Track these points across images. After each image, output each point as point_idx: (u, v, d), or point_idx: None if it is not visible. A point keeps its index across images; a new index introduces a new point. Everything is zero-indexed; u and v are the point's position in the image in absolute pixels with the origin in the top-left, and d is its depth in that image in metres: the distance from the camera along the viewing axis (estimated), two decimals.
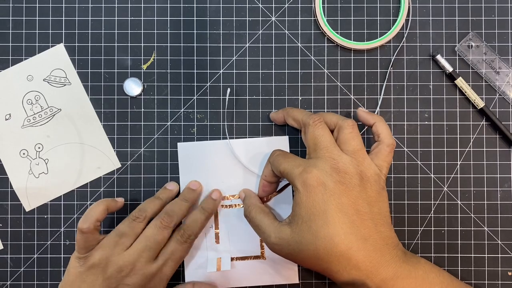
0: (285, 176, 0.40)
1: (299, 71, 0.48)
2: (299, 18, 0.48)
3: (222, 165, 0.47)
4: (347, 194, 0.37)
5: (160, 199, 0.45)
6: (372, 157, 0.40)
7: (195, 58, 0.48)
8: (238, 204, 0.47)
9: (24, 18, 0.48)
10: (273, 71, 0.48)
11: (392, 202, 0.47)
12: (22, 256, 0.47)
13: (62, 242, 0.47)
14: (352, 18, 0.48)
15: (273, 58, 0.48)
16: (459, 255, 0.47)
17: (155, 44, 0.48)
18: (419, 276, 0.37)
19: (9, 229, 0.47)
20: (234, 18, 0.48)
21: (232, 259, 0.47)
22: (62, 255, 0.47)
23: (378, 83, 0.48)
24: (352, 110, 0.48)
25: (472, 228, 0.47)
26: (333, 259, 0.37)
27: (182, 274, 0.47)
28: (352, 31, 0.48)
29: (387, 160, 0.40)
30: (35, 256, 0.47)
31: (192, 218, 0.45)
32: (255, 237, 0.47)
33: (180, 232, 0.43)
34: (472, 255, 0.47)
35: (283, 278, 0.47)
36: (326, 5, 0.48)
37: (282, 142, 0.47)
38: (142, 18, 0.48)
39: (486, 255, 0.47)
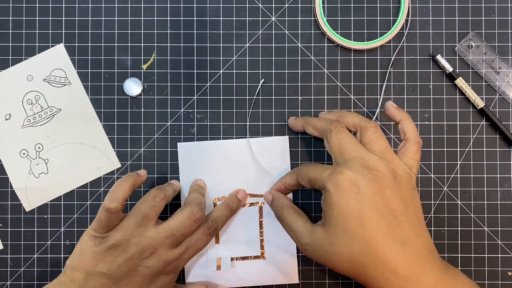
0: (314, 182, 0.39)
1: (299, 71, 0.48)
2: (299, 18, 0.48)
3: (222, 165, 0.47)
4: (381, 193, 0.36)
5: (174, 184, 0.45)
6: (400, 156, 0.39)
7: (195, 58, 0.48)
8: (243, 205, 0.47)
9: (24, 18, 0.48)
10: (273, 71, 0.48)
11: None
12: (22, 256, 0.47)
13: (62, 242, 0.47)
14: (352, 18, 0.48)
15: (273, 58, 0.48)
16: (459, 255, 0.47)
17: (155, 44, 0.48)
18: None
19: (9, 229, 0.47)
20: (234, 18, 0.48)
21: (232, 259, 0.47)
22: (62, 255, 0.47)
23: (378, 83, 0.48)
24: (352, 110, 0.48)
25: (472, 228, 0.47)
26: (369, 263, 0.35)
27: (182, 273, 0.47)
28: (352, 31, 0.48)
29: (416, 159, 0.39)
30: (35, 256, 0.47)
31: (219, 213, 0.44)
32: (255, 237, 0.47)
33: (208, 224, 0.43)
34: (472, 255, 0.47)
35: (283, 278, 0.47)
36: (326, 5, 0.48)
37: (282, 142, 0.47)
38: (142, 18, 0.48)
39: (486, 255, 0.47)
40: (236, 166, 0.47)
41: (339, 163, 0.38)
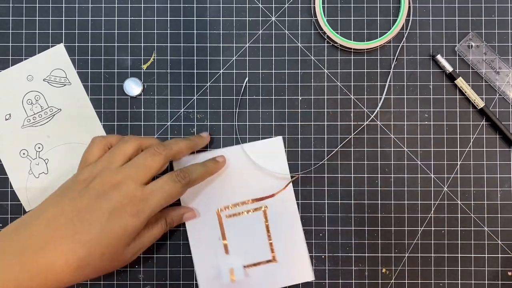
0: None
1: (299, 71, 0.48)
2: (299, 18, 0.48)
3: (222, 174, 0.47)
4: None
5: (189, 139, 0.45)
6: None
7: (195, 58, 0.48)
8: (242, 212, 0.47)
9: (24, 18, 0.48)
10: (273, 71, 0.48)
11: (392, 202, 0.47)
12: None
13: None
14: (352, 18, 0.48)
15: (273, 58, 0.48)
16: (459, 255, 0.47)
17: (155, 44, 0.48)
18: None
19: None
20: (234, 18, 0.48)
21: (244, 266, 0.46)
22: None
23: (378, 83, 0.48)
24: (352, 110, 0.48)
25: (472, 228, 0.47)
26: None
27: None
28: (352, 31, 0.48)
29: None
30: None
31: (194, 166, 0.43)
32: (264, 242, 0.47)
33: (176, 171, 0.42)
34: (472, 255, 0.47)
35: (298, 277, 0.47)
36: (326, 5, 0.48)
37: (276, 143, 0.47)
38: (142, 18, 0.48)
39: (486, 255, 0.47)
40: (235, 173, 0.47)
41: None
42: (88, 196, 0.38)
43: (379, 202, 0.47)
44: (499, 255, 0.47)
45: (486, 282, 0.47)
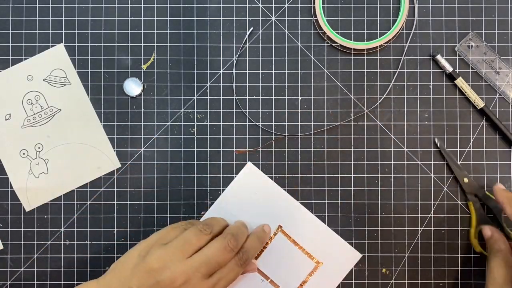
0: None
1: (299, 71, 0.48)
2: (299, 18, 0.48)
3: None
4: None
5: (220, 221, 0.45)
6: None
7: (195, 58, 0.48)
8: (268, 242, 0.47)
9: (24, 18, 0.48)
10: (273, 71, 0.48)
11: (392, 202, 0.47)
12: (22, 256, 0.47)
13: (62, 242, 0.47)
14: (352, 18, 0.48)
15: (273, 58, 0.48)
16: (459, 255, 0.47)
17: (155, 44, 0.48)
18: None
19: (9, 229, 0.47)
20: (234, 18, 0.48)
21: (302, 284, 0.47)
22: (62, 255, 0.47)
23: (378, 83, 0.48)
24: (352, 110, 0.48)
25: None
26: None
27: None
28: (352, 31, 0.48)
29: None
30: (35, 256, 0.47)
31: (251, 244, 0.44)
32: (300, 255, 0.47)
33: (239, 255, 0.43)
34: (472, 255, 0.47)
35: (348, 263, 0.47)
36: (326, 5, 0.48)
37: (250, 170, 0.47)
38: (142, 18, 0.48)
39: (486, 255, 0.47)
40: (240, 213, 0.47)
41: None
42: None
43: (379, 202, 0.47)
44: None
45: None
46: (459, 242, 0.47)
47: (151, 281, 0.39)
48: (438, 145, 0.47)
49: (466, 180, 0.46)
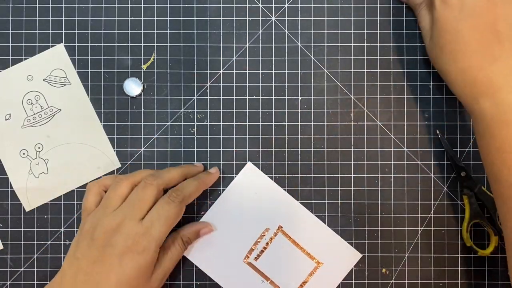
0: None
1: (299, 71, 0.48)
2: (299, 18, 0.48)
3: (228, 224, 0.47)
4: (488, 11, 0.36)
5: (182, 167, 0.45)
6: None
7: (195, 58, 0.48)
8: (265, 246, 0.47)
9: (24, 18, 0.48)
10: (273, 71, 0.48)
11: (392, 202, 0.47)
12: (22, 256, 0.47)
13: (62, 242, 0.47)
14: (352, 18, 0.48)
15: (273, 58, 0.48)
16: (459, 255, 0.47)
17: (155, 44, 0.48)
18: None
19: (9, 229, 0.47)
20: (234, 18, 0.48)
21: (302, 285, 0.47)
22: (62, 255, 0.47)
23: (378, 83, 0.48)
24: (352, 110, 0.48)
25: (473, 228, 0.47)
26: (452, 73, 0.38)
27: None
28: (352, 31, 0.48)
29: None
30: (35, 256, 0.47)
31: (187, 183, 0.43)
32: (301, 256, 0.47)
33: (168, 193, 0.42)
34: (472, 255, 0.47)
35: (348, 262, 0.47)
36: (326, 5, 0.48)
37: (250, 170, 0.47)
38: (142, 18, 0.48)
39: (486, 255, 0.47)
40: (236, 216, 0.47)
41: None
42: (95, 247, 0.39)
43: (379, 202, 0.47)
44: (499, 255, 0.47)
45: (486, 282, 0.47)
46: (459, 242, 0.47)
47: (89, 243, 0.39)
48: (439, 136, 0.47)
49: (463, 174, 0.46)
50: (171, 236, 0.44)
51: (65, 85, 0.48)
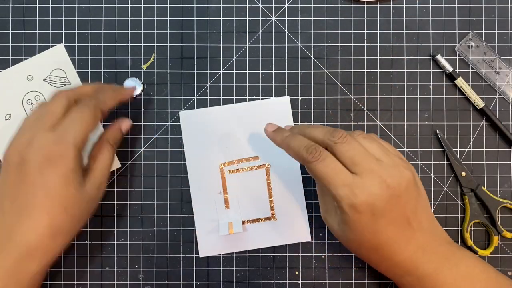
0: (323, 183, 0.36)
1: (299, 71, 0.48)
2: (299, 18, 0.48)
3: (225, 130, 0.47)
4: (396, 206, 0.37)
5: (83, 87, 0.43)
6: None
7: (195, 58, 0.48)
8: (244, 168, 0.47)
9: (24, 18, 0.48)
10: (273, 71, 0.48)
11: None
12: None
13: None
14: (352, 18, 0.48)
15: (273, 58, 0.48)
16: None
17: (155, 44, 0.48)
18: (460, 273, 0.38)
19: None
20: (234, 18, 0.48)
21: (243, 222, 0.47)
22: (62, 255, 0.47)
23: (378, 83, 0.48)
24: (352, 110, 0.48)
25: (472, 229, 0.47)
26: (375, 260, 0.40)
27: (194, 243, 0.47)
28: (352, 31, 0.48)
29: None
30: None
31: (97, 90, 0.42)
32: (264, 199, 0.47)
33: (82, 100, 0.41)
34: None
35: (295, 237, 0.47)
36: (326, 5, 0.48)
37: (283, 102, 0.47)
38: (142, 18, 0.48)
39: (486, 256, 0.47)
40: (239, 130, 0.47)
41: (354, 172, 0.36)
42: (13, 170, 0.38)
43: None
44: (499, 255, 0.47)
45: None
46: (459, 242, 0.47)
47: (4, 166, 0.39)
48: (439, 136, 0.47)
49: (463, 174, 0.47)
50: (97, 143, 0.43)
51: (65, 85, 0.48)
